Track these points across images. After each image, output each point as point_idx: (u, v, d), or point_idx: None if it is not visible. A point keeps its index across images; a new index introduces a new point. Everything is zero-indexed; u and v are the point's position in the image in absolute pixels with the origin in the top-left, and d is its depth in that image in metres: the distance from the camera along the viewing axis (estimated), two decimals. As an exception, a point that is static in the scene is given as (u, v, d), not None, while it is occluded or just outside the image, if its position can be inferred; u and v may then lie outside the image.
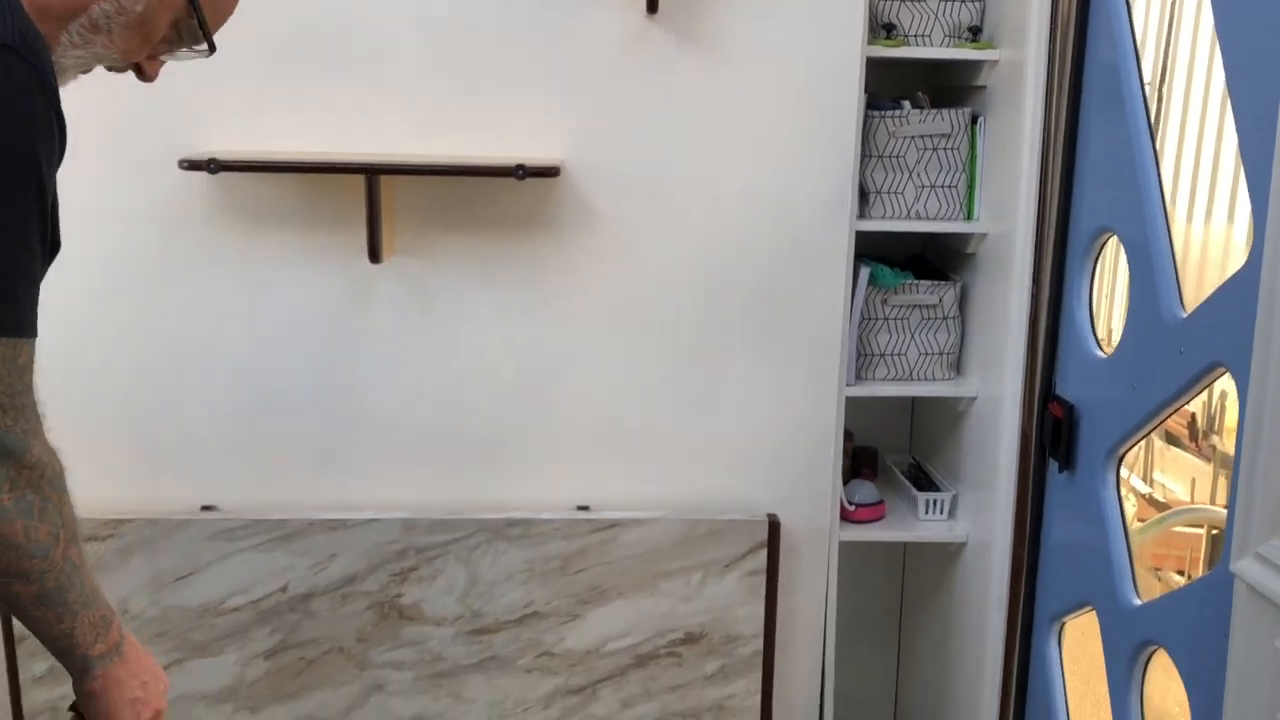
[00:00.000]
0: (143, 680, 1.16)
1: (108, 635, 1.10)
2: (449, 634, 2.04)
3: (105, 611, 1.10)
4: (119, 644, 1.12)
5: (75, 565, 1.05)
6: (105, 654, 1.11)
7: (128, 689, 1.14)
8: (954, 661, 2.15)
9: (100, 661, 1.11)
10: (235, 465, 2.01)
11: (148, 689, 1.16)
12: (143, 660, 1.16)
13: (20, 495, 1.00)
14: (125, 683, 1.14)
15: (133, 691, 1.14)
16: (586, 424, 2.04)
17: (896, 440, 2.41)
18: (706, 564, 2.03)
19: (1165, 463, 3.52)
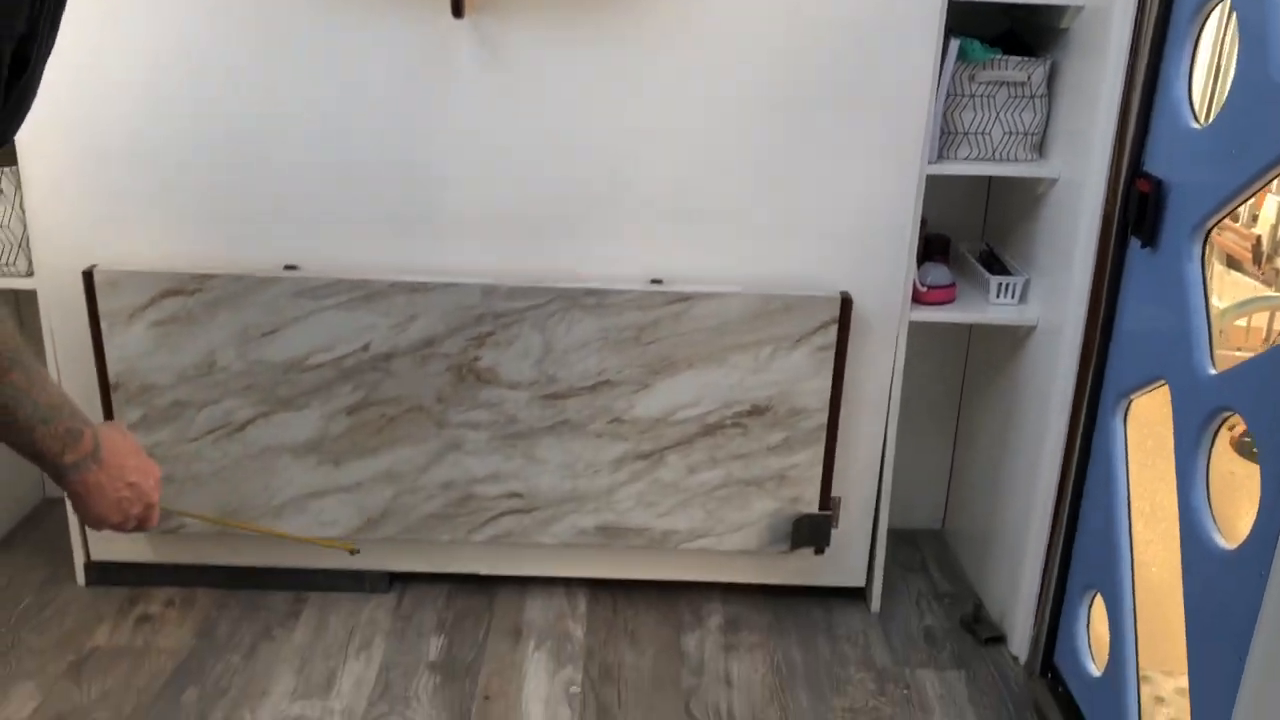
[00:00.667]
0: (128, 481, 1.21)
1: (77, 446, 1.15)
2: (524, 398, 2.11)
3: (71, 424, 1.14)
4: (94, 451, 1.17)
5: (19, 388, 1.09)
6: (78, 462, 1.16)
7: (109, 490, 1.20)
8: (1013, 441, 2.20)
9: (74, 469, 1.16)
10: (318, 226, 2.04)
11: (135, 488, 1.22)
12: (127, 461, 1.21)
13: None
14: (105, 485, 1.19)
15: (117, 492, 1.20)
16: (663, 196, 2.04)
17: (969, 229, 2.40)
18: (777, 339, 2.06)
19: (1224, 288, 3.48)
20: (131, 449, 1.24)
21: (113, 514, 1.22)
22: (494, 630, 2.20)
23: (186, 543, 2.26)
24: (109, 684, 2.00)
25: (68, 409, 1.14)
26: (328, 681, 2.03)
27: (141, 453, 1.25)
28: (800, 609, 2.31)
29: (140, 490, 1.23)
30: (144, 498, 1.24)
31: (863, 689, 2.08)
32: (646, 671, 2.10)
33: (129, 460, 1.22)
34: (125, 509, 1.23)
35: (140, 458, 1.25)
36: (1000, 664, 2.16)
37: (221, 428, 2.10)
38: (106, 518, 1.23)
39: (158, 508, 1.28)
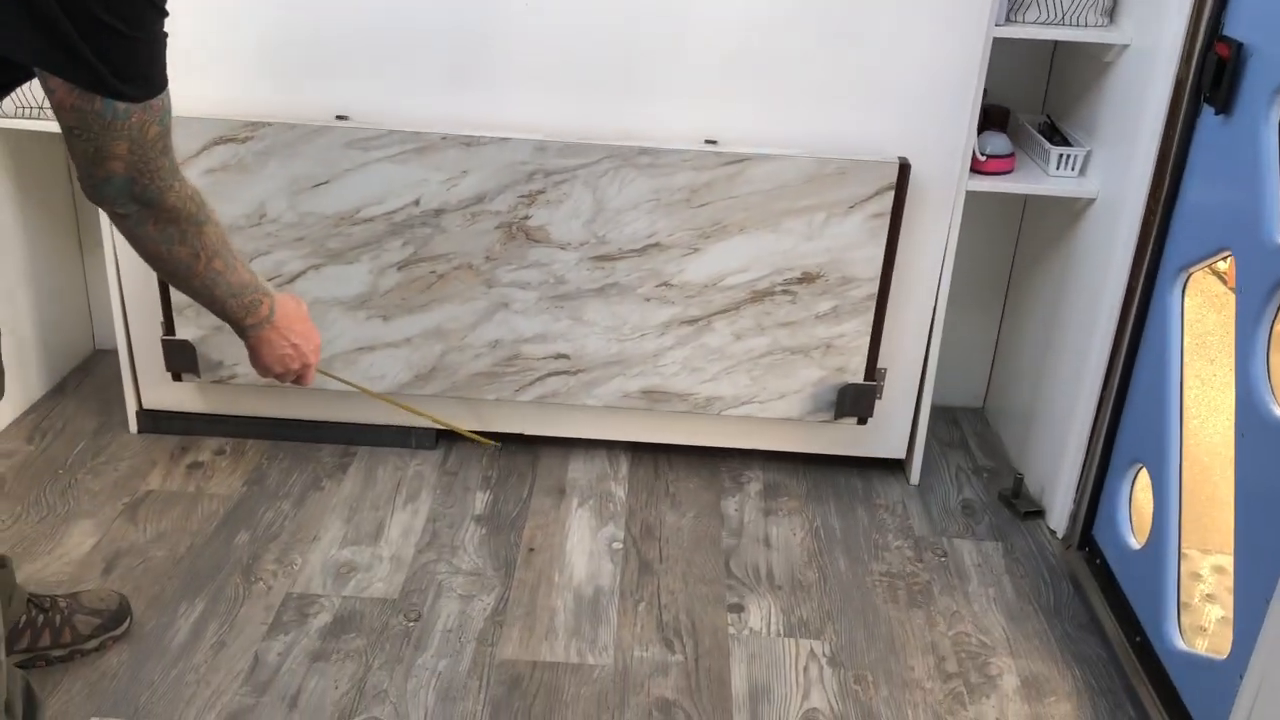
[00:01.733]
0: (293, 341, 1.52)
1: (257, 311, 1.46)
2: (573, 259, 2.10)
3: (255, 296, 1.44)
4: (269, 315, 1.48)
5: (218, 272, 1.38)
6: (255, 324, 1.47)
7: (277, 347, 1.51)
8: (1064, 316, 2.18)
9: (252, 329, 1.48)
10: (370, 75, 2.02)
11: (298, 348, 1.53)
12: (295, 326, 1.52)
13: (162, 228, 1.29)
14: (274, 342, 1.51)
15: (282, 349, 1.51)
16: (722, 53, 1.99)
17: (1029, 100, 2.34)
18: (831, 204, 2.04)
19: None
20: (301, 317, 1.54)
21: (276, 365, 1.53)
22: (538, 488, 2.24)
23: (236, 394, 2.29)
24: (164, 525, 2.05)
25: (253, 284, 1.44)
26: (376, 530, 2.08)
27: (309, 322, 1.55)
28: (839, 478, 2.33)
29: (301, 351, 1.53)
30: (303, 357, 1.54)
31: (900, 555, 2.11)
32: (687, 531, 2.14)
33: (296, 325, 1.52)
34: (286, 363, 1.53)
35: (307, 325, 1.54)
36: (1038, 537, 2.18)
37: (272, 279, 2.11)
38: (271, 368, 1.53)
39: (314, 369, 1.58)
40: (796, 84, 2.01)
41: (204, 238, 1.33)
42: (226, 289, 1.40)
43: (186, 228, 1.30)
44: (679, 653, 1.83)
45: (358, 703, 1.69)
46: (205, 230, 1.33)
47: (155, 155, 1.23)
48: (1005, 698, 1.78)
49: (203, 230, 1.33)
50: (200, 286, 1.38)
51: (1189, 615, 1.86)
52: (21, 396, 2.36)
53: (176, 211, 1.28)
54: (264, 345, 1.51)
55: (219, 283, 1.39)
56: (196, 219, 1.31)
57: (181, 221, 1.29)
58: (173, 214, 1.28)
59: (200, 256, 1.34)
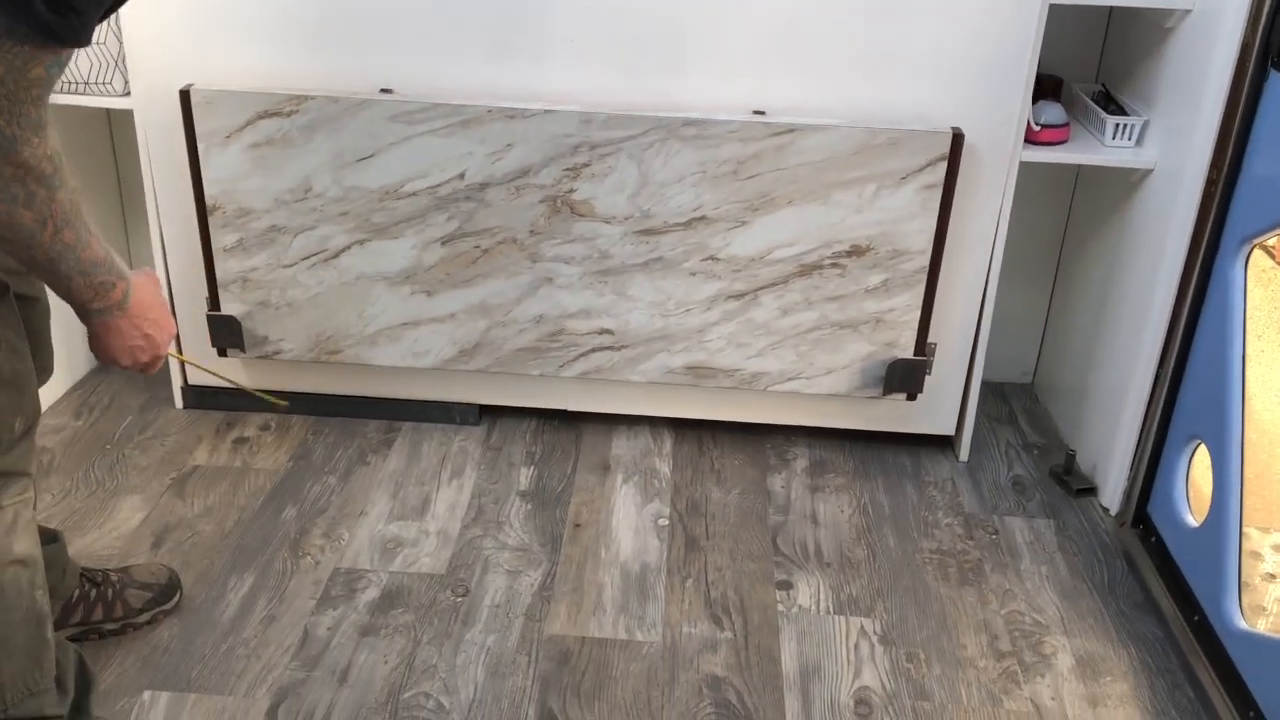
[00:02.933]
0: (145, 331, 1.35)
1: (107, 295, 1.27)
2: (618, 233, 2.08)
3: (107, 278, 1.26)
4: (121, 302, 1.30)
5: (67, 245, 1.20)
6: (105, 309, 1.29)
7: (127, 337, 1.34)
8: (1118, 290, 2.14)
9: (98, 315, 1.29)
10: (414, 47, 2.00)
11: (150, 339, 1.36)
12: (149, 313, 1.35)
13: (6, 185, 1.11)
14: (125, 331, 1.33)
15: (132, 339, 1.35)
16: (769, 21, 1.96)
17: (1083, 69, 2.29)
18: (882, 175, 2.00)
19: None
20: (156, 303, 1.38)
21: (123, 357, 1.37)
22: (582, 464, 2.22)
23: (281, 370, 2.29)
24: (211, 499, 2.06)
25: (107, 264, 1.26)
26: (422, 505, 2.07)
27: (165, 308, 1.40)
28: (887, 455, 2.30)
29: (153, 341, 1.37)
30: (154, 349, 1.38)
31: (950, 533, 2.08)
32: (733, 508, 2.12)
33: (151, 313, 1.35)
34: (135, 355, 1.37)
35: (162, 312, 1.39)
36: (1090, 514, 2.15)
37: (317, 254, 2.11)
38: (117, 358, 1.37)
39: (164, 359, 1.43)
40: (847, 53, 1.97)
41: (55, 204, 1.17)
42: (75, 265, 1.23)
43: (36, 189, 1.14)
44: (728, 630, 1.82)
45: (407, 677, 1.68)
46: (58, 196, 1.16)
47: (26, 100, 1.08)
48: (1060, 677, 1.76)
49: (54, 196, 1.16)
50: (44, 260, 1.20)
51: (1249, 595, 1.82)
52: (68, 373, 2.37)
53: (29, 168, 1.12)
54: (112, 334, 1.34)
55: (66, 257, 1.21)
56: (50, 182, 1.15)
57: (31, 181, 1.13)
58: (24, 169, 1.12)
59: (48, 225, 1.17)
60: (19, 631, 1.32)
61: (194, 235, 2.12)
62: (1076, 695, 1.72)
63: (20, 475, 1.30)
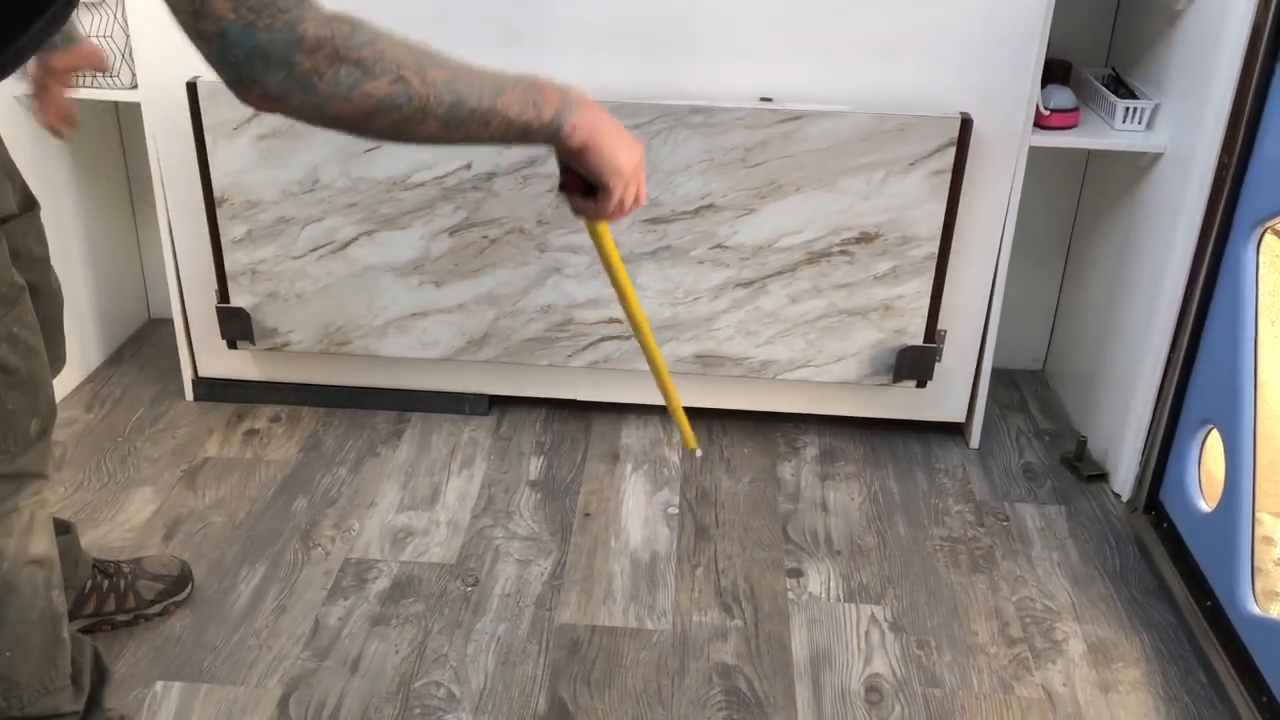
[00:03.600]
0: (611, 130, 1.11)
1: (546, 94, 1.06)
2: (625, 222, 2.07)
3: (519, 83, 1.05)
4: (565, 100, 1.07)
5: (447, 81, 1.00)
6: (560, 111, 1.07)
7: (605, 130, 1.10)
8: (1129, 275, 2.12)
9: (561, 125, 1.07)
10: (420, 37, 1.99)
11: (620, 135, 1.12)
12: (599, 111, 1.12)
13: (334, 74, 0.94)
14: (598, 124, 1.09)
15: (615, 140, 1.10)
16: (775, 8, 1.95)
17: (1093, 53, 2.27)
18: (890, 161, 1.99)
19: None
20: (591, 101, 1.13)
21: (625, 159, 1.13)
22: (591, 453, 2.22)
23: (290, 361, 2.29)
24: (222, 491, 2.06)
25: (504, 76, 1.05)
26: (432, 495, 2.08)
27: None
28: (897, 442, 2.29)
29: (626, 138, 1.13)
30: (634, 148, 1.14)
31: (961, 520, 2.07)
32: (743, 496, 2.12)
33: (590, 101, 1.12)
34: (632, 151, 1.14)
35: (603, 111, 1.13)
36: (1102, 501, 2.14)
37: (325, 245, 2.11)
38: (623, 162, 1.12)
39: None
40: (854, 38, 1.96)
41: (389, 54, 0.97)
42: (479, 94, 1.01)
43: (359, 54, 0.95)
44: (738, 618, 1.82)
45: (418, 667, 1.69)
46: (381, 47, 0.97)
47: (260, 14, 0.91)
48: (1072, 663, 1.75)
49: (378, 48, 0.97)
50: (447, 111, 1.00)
51: (1262, 580, 1.82)
52: (80, 366, 2.38)
53: (327, 42, 0.93)
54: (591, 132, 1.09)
55: (462, 93, 1.00)
56: (359, 40, 0.95)
57: (345, 51, 0.94)
58: (326, 48, 0.93)
59: (405, 76, 0.97)
60: (35, 631, 1.33)
61: (202, 227, 2.13)
62: (1088, 681, 1.72)
63: (36, 476, 1.30)
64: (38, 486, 1.30)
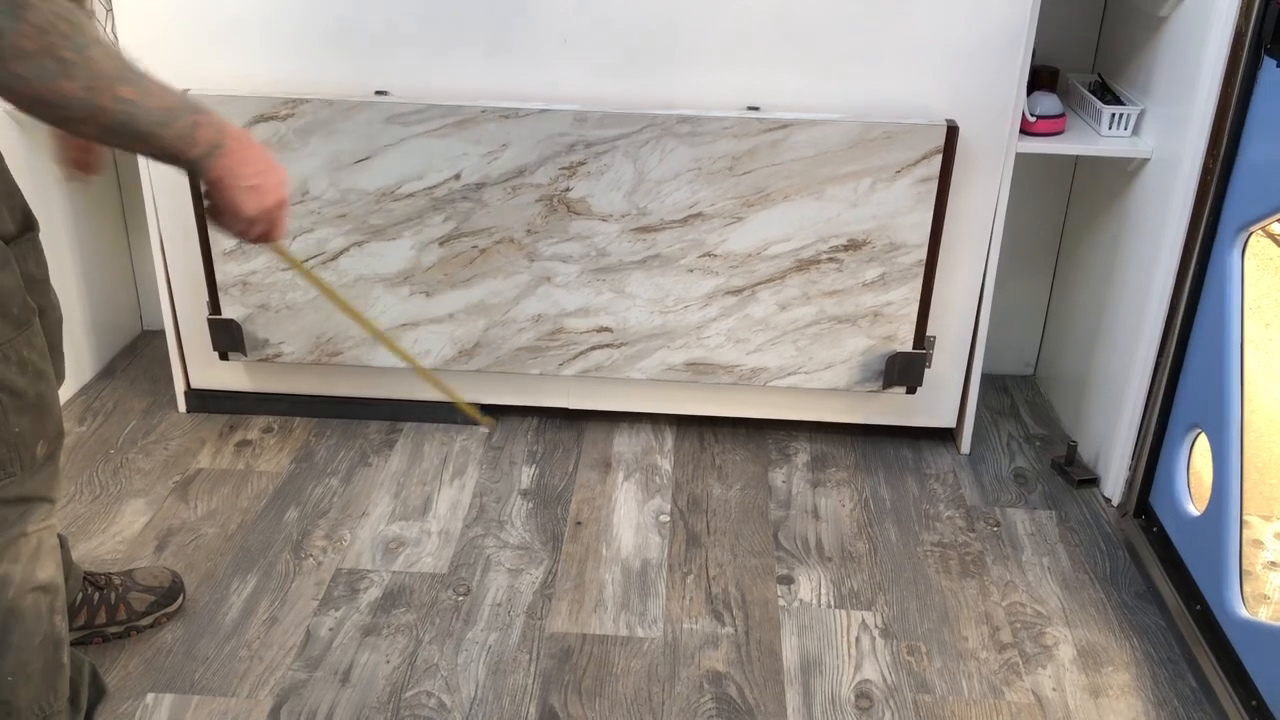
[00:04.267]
0: (256, 169, 1.20)
1: (202, 135, 1.14)
2: (614, 230, 2.08)
3: (191, 117, 1.13)
4: (219, 139, 1.16)
5: (130, 101, 1.08)
6: (208, 151, 1.15)
7: (240, 178, 1.19)
8: (1118, 279, 2.13)
9: (206, 162, 1.16)
10: (408, 49, 2.00)
11: (264, 177, 1.21)
12: (251, 153, 1.20)
13: (35, 63, 1.01)
14: (236, 172, 1.18)
15: (246, 180, 1.19)
16: (762, 17, 1.96)
17: (1079, 60, 2.28)
18: (877, 169, 2.00)
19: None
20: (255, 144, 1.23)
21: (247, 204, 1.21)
22: (583, 462, 2.23)
23: (282, 371, 2.30)
24: (214, 502, 2.07)
25: (185, 106, 1.13)
26: (424, 505, 2.08)
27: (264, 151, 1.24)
28: (888, 448, 2.30)
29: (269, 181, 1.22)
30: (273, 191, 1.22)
31: (952, 525, 2.08)
32: (734, 503, 2.12)
33: (254, 151, 1.21)
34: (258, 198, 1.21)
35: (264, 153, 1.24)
36: (1092, 505, 2.15)
37: (315, 256, 2.11)
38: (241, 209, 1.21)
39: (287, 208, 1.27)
40: (840, 47, 1.97)
41: (92, 63, 1.06)
42: (151, 118, 1.10)
43: (64, 54, 1.03)
44: (729, 625, 1.82)
45: (409, 677, 1.69)
46: (91, 54, 1.05)
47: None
48: (1062, 668, 1.76)
49: (87, 55, 1.05)
50: (118, 125, 1.09)
51: (1251, 583, 1.82)
52: (72, 378, 2.39)
53: (44, 31, 1.01)
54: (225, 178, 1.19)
55: (137, 115, 1.09)
56: (75, 42, 1.04)
57: (56, 47, 1.02)
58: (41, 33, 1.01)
59: (97, 87, 1.06)
60: (37, 656, 1.33)
61: (193, 239, 2.13)
62: (1078, 686, 1.72)
63: (43, 500, 1.30)
64: (45, 511, 1.30)
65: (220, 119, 1.18)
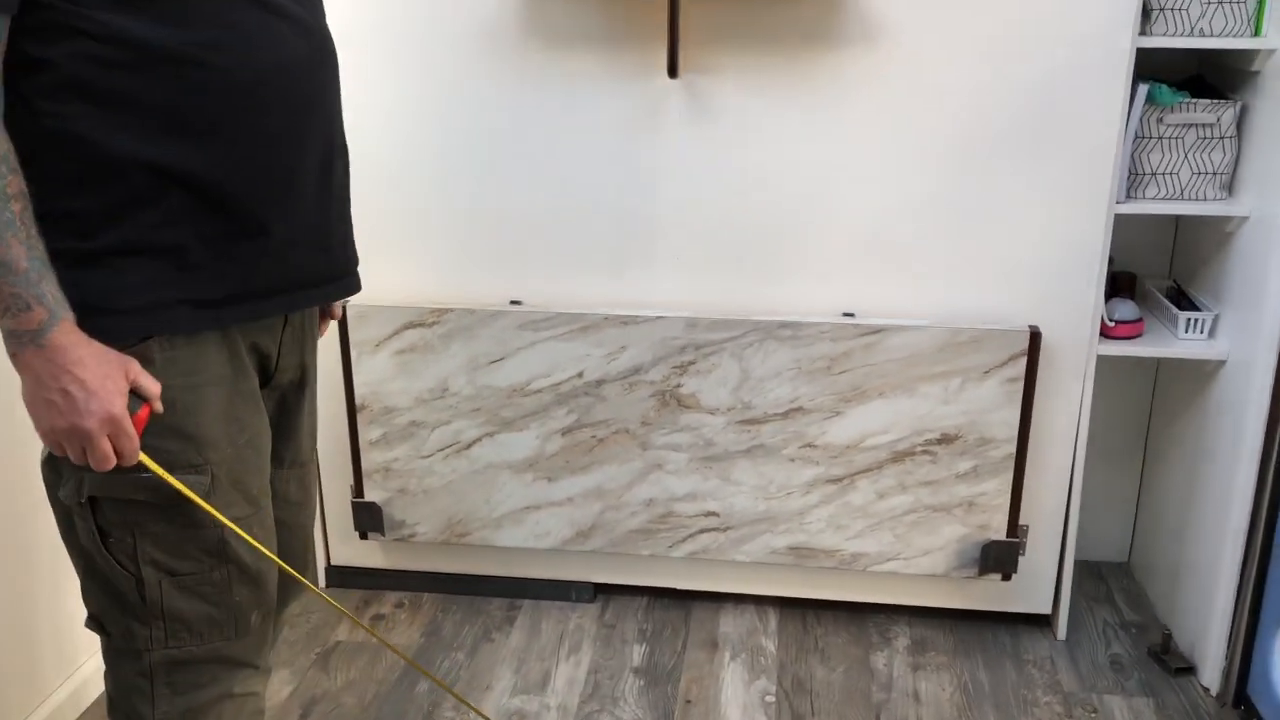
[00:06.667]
0: (64, 387, 1.11)
1: (20, 316, 1.09)
2: (721, 422, 2.27)
3: (23, 291, 1.09)
4: (37, 333, 1.10)
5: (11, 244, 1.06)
6: (16, 333, 1.10)
7: (41, 386, 1.12)
8: (1203, 474, 2.23)
9: (12, 339, 1.11)
10: (540, 264, 2.26)
11: (70, 400, 1.11)
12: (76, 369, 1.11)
13: None
14: (40, 378, 1.12)
15: (48, 392, 1.12)
16: (856, 233, 2.18)
17: (1156, 266, 2.45)
18: (966, 370, 2.17)
19: None
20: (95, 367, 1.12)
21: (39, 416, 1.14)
22: (691, 641, 2.35)
23: (414, 550, 2.50)
24: (352, 674, 2.24)
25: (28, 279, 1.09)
26: (543, 680, 2.22)
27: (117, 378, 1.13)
28: (986, 633, 2.38)
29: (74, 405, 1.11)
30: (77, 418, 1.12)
31: (1050, 711, 2.14)
32: (838, 685, 2.22)
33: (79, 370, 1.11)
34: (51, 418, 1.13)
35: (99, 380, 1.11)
36: (1190, 694, 2.18)
37: (451, 445, 2.34)
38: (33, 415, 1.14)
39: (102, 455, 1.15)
40: (928, 259, 2.17)
41: None
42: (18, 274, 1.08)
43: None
44: (833, 805, 1.90)
45: (531, 845, 1.80)
46: None
47: None
48: None
49: None
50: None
51: (1354, 777, 1.84)
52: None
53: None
54: (25, 373, 1.13)
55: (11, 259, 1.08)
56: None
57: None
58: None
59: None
60: None
61: (344, 430, 2.38)
62: None
63: (249, 665, 1.40)
64: (251, 675, 1.41)
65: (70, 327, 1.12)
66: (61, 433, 1.15)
